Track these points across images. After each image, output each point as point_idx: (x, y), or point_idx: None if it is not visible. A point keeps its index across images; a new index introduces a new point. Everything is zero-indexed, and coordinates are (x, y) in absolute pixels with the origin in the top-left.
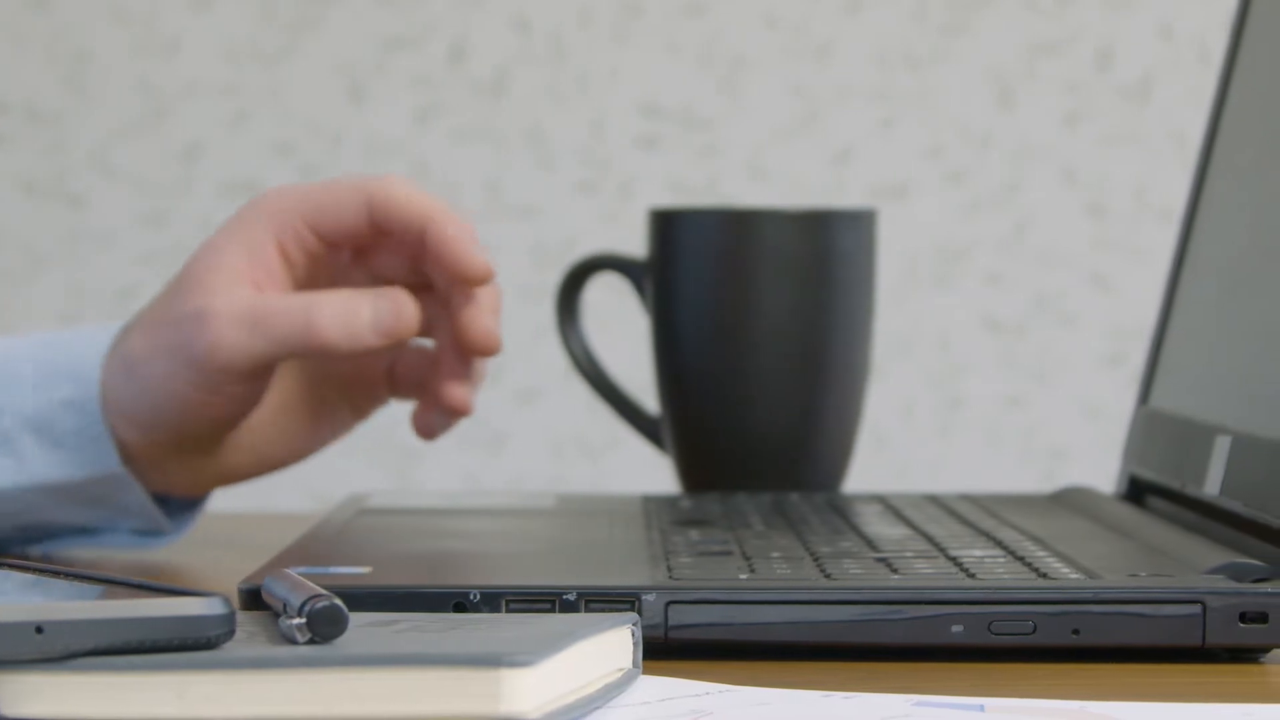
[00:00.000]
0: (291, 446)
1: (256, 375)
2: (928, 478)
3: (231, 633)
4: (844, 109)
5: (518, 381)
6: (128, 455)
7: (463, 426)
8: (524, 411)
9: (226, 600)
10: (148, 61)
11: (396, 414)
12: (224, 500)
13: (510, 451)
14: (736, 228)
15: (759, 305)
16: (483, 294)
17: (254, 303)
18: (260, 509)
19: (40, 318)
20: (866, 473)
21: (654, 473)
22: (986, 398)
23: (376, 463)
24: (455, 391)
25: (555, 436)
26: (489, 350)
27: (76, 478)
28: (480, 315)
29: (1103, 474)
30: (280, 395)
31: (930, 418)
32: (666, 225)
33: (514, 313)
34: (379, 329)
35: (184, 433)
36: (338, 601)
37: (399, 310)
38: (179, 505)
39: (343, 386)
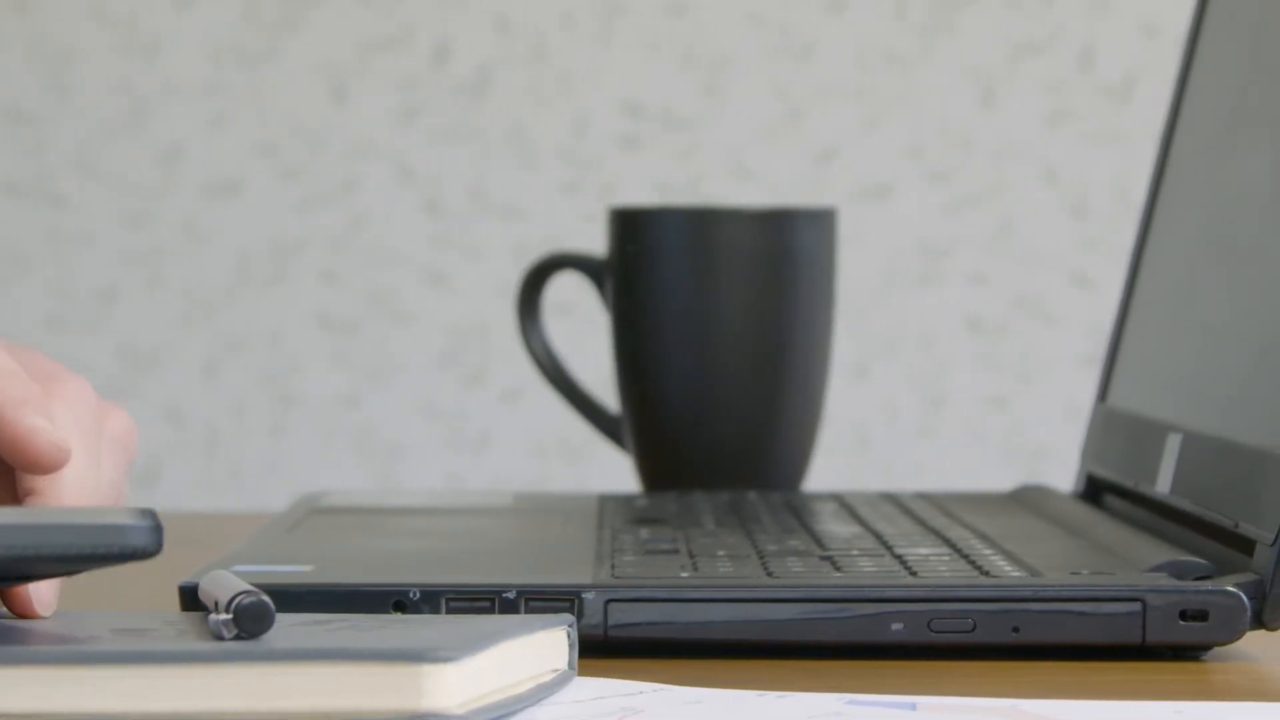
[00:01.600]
0: None
1: None
2: (910, 477)
3: (159, 545)
4: (826, 109)
5: (501, 382)
6: None
7: (446, 427)
8: (507, 412)
9: (154, 514)
10: (129, 62)
11: (380, 414)
12: (200, 500)
13: (493, 452)
14: (696, 227)
15: (719, 304)
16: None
17: None
18: (238, 509)
19: (21, 318)
20: (848, 473)
21: (635, 473)
22: (969, 397)
23: (360, 463)
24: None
25: (538, 437)
26: (58, 455)
27: None
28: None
29: None
30: None
31: (913, 417)
32: (626, 224)
33: (497, 313)
34: None
35: None
36: (264, 598)
37: None
38: None
39: None
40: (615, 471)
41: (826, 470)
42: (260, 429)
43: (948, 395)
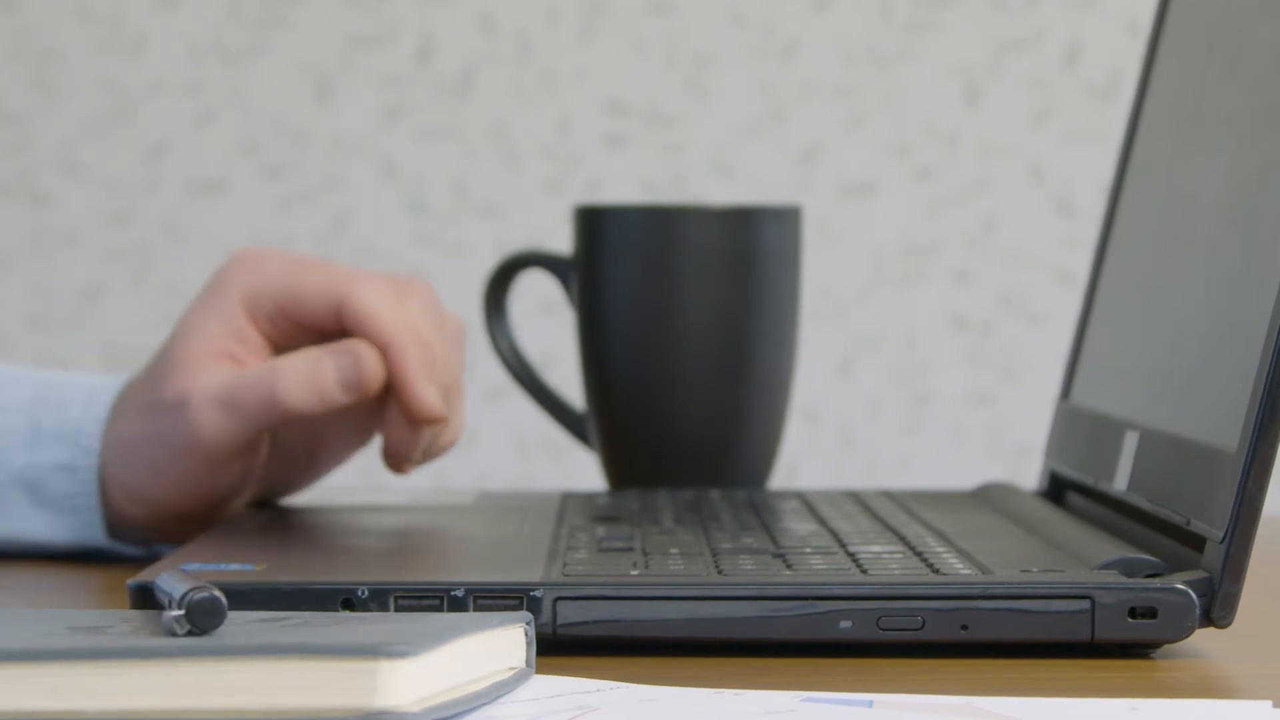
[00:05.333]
0: (292, 488)
1: (247, 450)
2: (895, 475)
3: None
4: (810, 107)
5: (485, 381)
6: (128, 522)
7: None
8: (492, 410)
9: None
10: (113, 60)
11: None
12: None
13: (478, 450)
14: (660, 225)
15: (683, 302)
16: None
17: (227, 383)
18: None
19: (5, 317)
20: (835, 471)
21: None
22: (953, 395)
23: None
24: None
25: (522, 435)
26: (433, 418)
27: (62, 540)
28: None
29: None
30: (279, 447)
31: (898, 415)
32: (591, 222)
33: (480, 312)
34: (346, 385)
35: (188, 509)
36: (216, 593)
37: (362, 364)
38: None
39: (340, 424)
40: (598, 469)
41: (811, 468)
42: None
43: (932, 393)
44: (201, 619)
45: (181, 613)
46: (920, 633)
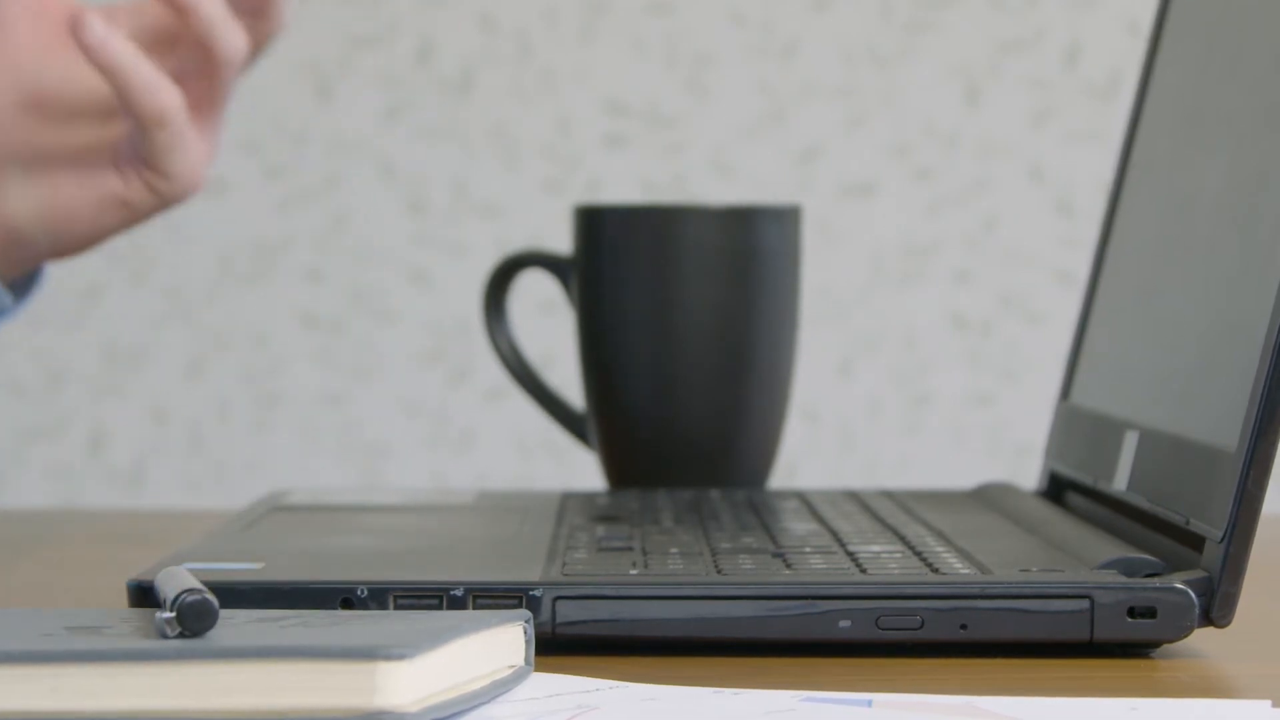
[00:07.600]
0: (70, 211)
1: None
2: (894, 475)
3: None
4: (810, 107)
5: (484, 380)
6: None
7: (431, 425)
8: (491, 410)
9: None
10: None
11: (363, 413)
12: (184, 498)
13: (477, 450)
14: (660, 225)
15: (683, 302)
16: None
17: None
18: (221, 507)
19: None
20: (834, 471)
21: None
22: (953, 395)
23: (343, 462)
24: None
25: (522, 435)
26: None
27: None
28: None
29: None
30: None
31: (897, 415)
32: (591, 222)
33: (480, 312)
34: None
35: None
36: (208, 595)
37: None
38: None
39: (100, 136)
40: (598, 469)
41: (811, 468)
42: (244, 427)
43: (932, 393)
44: (192, 621)
45: (172, 615)
46: (919, 632)
